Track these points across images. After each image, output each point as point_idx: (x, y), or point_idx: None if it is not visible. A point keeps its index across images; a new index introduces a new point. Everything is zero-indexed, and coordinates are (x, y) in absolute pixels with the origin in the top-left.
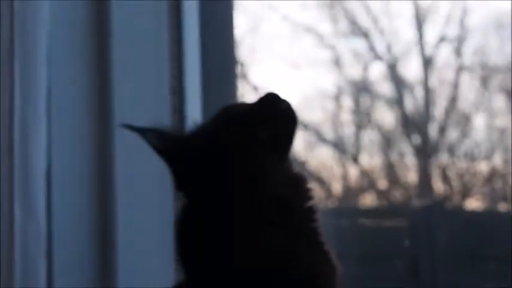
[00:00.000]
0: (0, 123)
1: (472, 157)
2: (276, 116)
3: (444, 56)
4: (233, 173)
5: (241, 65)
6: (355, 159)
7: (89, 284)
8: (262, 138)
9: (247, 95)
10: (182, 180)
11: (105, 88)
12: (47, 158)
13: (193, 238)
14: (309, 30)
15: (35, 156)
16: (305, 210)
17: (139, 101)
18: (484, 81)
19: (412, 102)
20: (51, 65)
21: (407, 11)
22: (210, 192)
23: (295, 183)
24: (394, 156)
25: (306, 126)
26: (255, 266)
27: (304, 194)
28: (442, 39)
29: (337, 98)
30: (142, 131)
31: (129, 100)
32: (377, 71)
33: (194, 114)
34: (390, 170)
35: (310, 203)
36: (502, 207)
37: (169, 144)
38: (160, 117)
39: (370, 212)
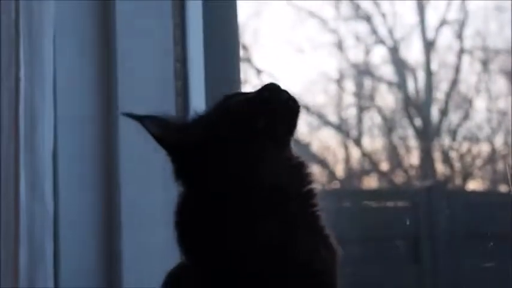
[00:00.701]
0: (6, 107)
1: (473, 139)
2: (275, 106)
3: (445, 39)
4: (231, 162)
5: (245, 48)
6: (357, 142)
7: (95, 266)
8: (261, 128)
9: (251, 78)
10: (181, 169)
11: (110, 72)
12: (53, 140)
13: (191, 225)
14: (312, 14)
15: (41, 139)
16: (303, 196)
17: (143, 84)
18: (485, 64)
19: (414, 85)
20: (57, 48)
21: None
22: (208, 181)
23: (294, 169)
24: (396, 139)
25: (309, 109)
26: (251, 254)
27: (303, 180)
28: (443, 22)
29: (339, 81)
30: (142, 119)
31: (134, 84)
32: (379, 55)
33: (198, 98)
34: (392, 152)
35: (309, 187)
36: (503, 188)
37: (169, 132)
38: (164, 101)
39: (372, 194)
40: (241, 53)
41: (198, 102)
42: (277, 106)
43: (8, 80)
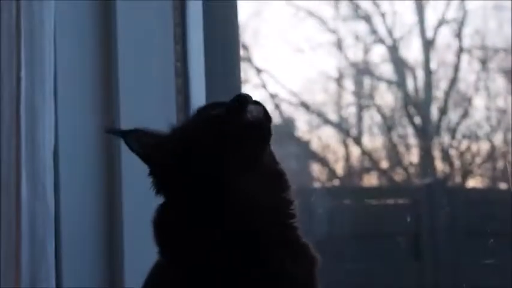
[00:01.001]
0: (7, 106)
1: (472, 137)
2: (242, 123)
3: (444, 38)
4: (204, 177)
5: (245, 48)
6: (357, 140)
7: (97, 264)
8: (231, 144)
9: (251, 77)
10: (159, 182)
11: (110, 71)
12: (54, 139)
13: (168, 226)
14: (311, 13)
15: (42, 137)
16: (273, 210)
17: (144, 82)
18: (484, 63)
19: (413, 84)
20: (57, 48)
21: None
22: (185, 194)
23: (266, 182)
24: (395, 137)
25: (308, 108)
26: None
27: (276, 191)
28: (442, 22)
29: (339, 80)
30: (124, 135)
31: (134, 81)
32: (379, 54)
33: (198, 97)
34: (392, 151)
35: (282, 198)
36: (502, 186)
37: (147, 150)
38: (165, 99)
39: (372, 192)
40: (241, 52)
41: (199, 101)
42: (245, 122)
43: (9, 80)
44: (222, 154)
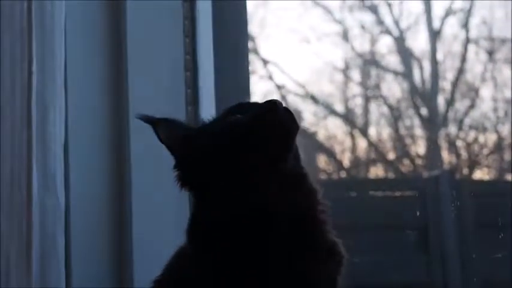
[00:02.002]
0: (19, 100)
1: (479, 128)
2: (271, 125)
3: (451, 28)
4: (229, 176)
5: (251, 39)
6: (364, 131)
7: (106, 258)
8: (254, 145)
9: (258, 69)
10: (185, 176)
11: (120, 64)
12: (65, 132)
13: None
14: (318, 4)
15: (52, 131)
16: (298, 216)
17: (153, 75)
18: (491, 54)
19: (420, 75)
20: (68, 39)
21: None
22: (210, 189)
23: (289, 186)
24: (402, 128)
25: (315, 99)
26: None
27: (300, 197)
28: (449, 12)
29: (346, 71)
30: (154, 123)
31: (144, 74)
32: (385, 44)
33: (208, 90)
34: (399, 142)
35: (310, 203)
36: (510, 177)
37: (177, 142)
38: (175, 92)
39: (379, 183)
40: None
41: (208, 94)
42: (273, 125)
43: (21, 74)
44: (246, 156)
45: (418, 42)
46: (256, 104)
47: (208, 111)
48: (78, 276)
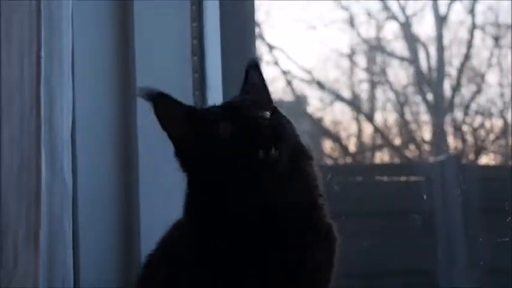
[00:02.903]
0: (27, 85)
1: (485, 113)
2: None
3: (458, 14)
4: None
5: (257, 25)
6: (370, 117)
7: (113, 241)
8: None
9: (263, 55)
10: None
11: (127, 49)
12: (72, 118)
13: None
14: None
15: (60, 116)
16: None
17: (161, 60)
18: (497, 40)
19: (426, 61)
20: (74, 25)
21: None
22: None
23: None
24: (408, 114)
25: (321, 85)
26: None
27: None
28: None
29: (351, 57)
30: (154, 99)
31: (151, 60)
32: (391, 30)
33: (215, 74)
34: (405, 128)
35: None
36: None
37: (175, 123)
38: (182, 77)
39: (385, 168)
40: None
41: (215, 79)
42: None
43: (29, 60)
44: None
45: (424, 28)
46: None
47: (215, 95)
48: (85, 259)
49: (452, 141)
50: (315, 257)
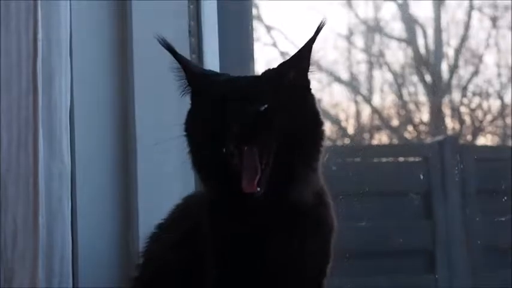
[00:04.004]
0: (24, 67)
1: (483, 94)
2: None
3: None
4: None
5: (255, 6)
6: (368, 98)
7: (111, 221)
8: None
9: (261, 35)
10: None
11: (125, 28)
12: (70, 98)
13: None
14: None
15: (58, 97)
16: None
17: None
18: (495, 20)
19: (424, 42)
20: (72, 6)
21: None
22: None
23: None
24: (406, 95)
25: (319, 66)
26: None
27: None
28: None
29: (349, 38)
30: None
31: (149, 39)
32: (389, 11)
33: (212, 55)
34: (403, 109)
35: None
36: None
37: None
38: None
39: (383, 150)
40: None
41: (212, 60)
42: None
43: (26, 41)
44: None
45: (422, 9)
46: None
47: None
48: (84, 240)
49: (450, 122)
50: (293, 245)
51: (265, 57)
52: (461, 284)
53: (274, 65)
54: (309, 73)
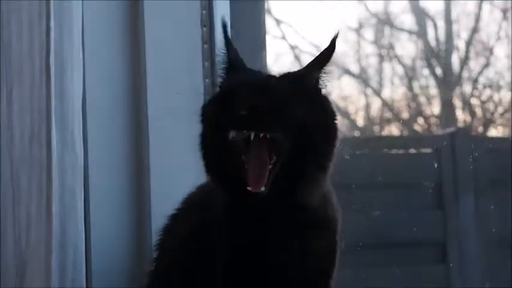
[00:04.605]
0: (37, 56)
1: (493, 86)
2: None
3: None
4: None
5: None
6: (378, 91)
7: (124, 211)
8: None
9: (271, 29)
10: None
11: (137, 18)
12: (83, 88)
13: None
14: None
15: (70, 88)
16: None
17: (171, 30)
18: (505, 12)
19: (434, 34)
20: None
21: None
22: None
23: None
24: (416, 88)
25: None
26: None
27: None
28: None
29: (359, 30)
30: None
31: (161, 27)
32: (399, 4)
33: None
34: (413, 101)
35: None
36: None
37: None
38: (191, 48)
39: (395, 141)
40: None
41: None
42: None
43: (39, 30)
44: None
45: (433, 1)
46: None
47: None
48: (97, 231)
49: (460, 115)
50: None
51: (275, 50)
52: (473, 274)
53: (285, 59)
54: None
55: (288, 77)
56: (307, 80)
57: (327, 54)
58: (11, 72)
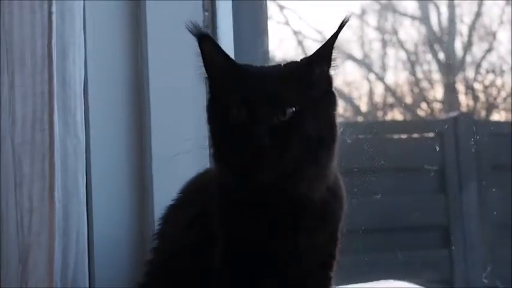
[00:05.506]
0: (39, 40)
1: (497, 71)
2: None
3: None
4: None
5: None
6: (381, 76)
7: (126, 196)
8: None
9: (274, 14)
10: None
11: (139, 2)
12: (84, 71)
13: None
14: None
15: (72, 72)
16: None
17: (172, 14)
18: None
19: (437, 19)
20: None
21: None
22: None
23: None
24: (419, 73)
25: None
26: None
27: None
28: None
29: (362, 16)
30: (200, 36)
31: (163, 12)
32: None
33: (226, 31)
34: (416, 86)
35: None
36: None
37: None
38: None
39: (398, 125)
40: None
41: (226, 41)
42: None
43: (41, 15)
44: None
45: None
46: None
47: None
48: (99, 215)
49: (463, 100)
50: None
51: (278, 36)
52: (476, 257)
53: (288, 44)
54: (331, 70)
55: (293, 75)
56: (312, 77)
57: (328, 45)
58: (12, 57)
